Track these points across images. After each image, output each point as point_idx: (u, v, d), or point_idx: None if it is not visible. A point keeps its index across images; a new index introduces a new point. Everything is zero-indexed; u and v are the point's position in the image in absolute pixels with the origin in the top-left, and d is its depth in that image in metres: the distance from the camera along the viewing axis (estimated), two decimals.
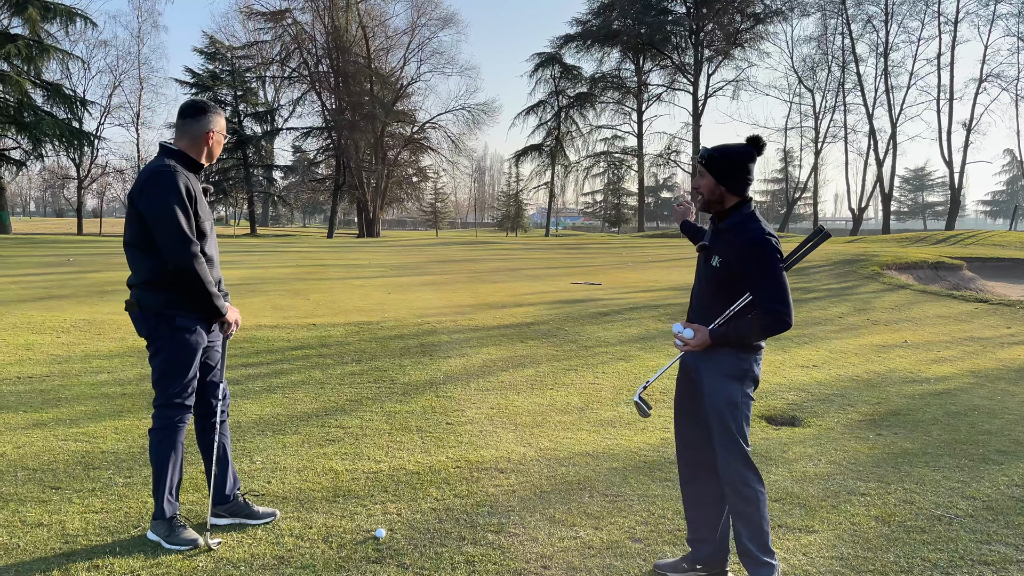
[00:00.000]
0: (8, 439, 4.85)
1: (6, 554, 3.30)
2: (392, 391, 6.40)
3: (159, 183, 3.28)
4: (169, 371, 3.41)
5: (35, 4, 34.77)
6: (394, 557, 3.39)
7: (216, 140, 3.52)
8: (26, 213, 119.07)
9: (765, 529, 3.10)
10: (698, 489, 3.31)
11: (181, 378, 3.43)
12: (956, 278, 16.94)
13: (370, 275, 15.91)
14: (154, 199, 3.27)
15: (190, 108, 3.48)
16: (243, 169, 51.06)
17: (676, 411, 3.38)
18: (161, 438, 3.44)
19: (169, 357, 3.40)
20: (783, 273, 3.00)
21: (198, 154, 3.49)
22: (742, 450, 3.07)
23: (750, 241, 2.99)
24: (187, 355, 3.42)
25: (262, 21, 51.01)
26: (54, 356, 7.25)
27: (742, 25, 51.53)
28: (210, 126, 3.47)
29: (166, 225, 3.25)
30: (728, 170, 3.08)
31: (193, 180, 3.42)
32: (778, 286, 2.96)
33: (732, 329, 3.02)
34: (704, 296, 3.19)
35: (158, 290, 3.35)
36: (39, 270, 15.18)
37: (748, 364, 3.09)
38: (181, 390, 3.44)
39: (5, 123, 34.93)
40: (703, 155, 3.14)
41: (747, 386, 3.10)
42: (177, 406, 3.45)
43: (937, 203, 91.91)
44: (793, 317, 3.00)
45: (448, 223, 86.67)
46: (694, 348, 3.10)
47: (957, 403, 6.62)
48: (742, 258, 3.00)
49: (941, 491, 4.40)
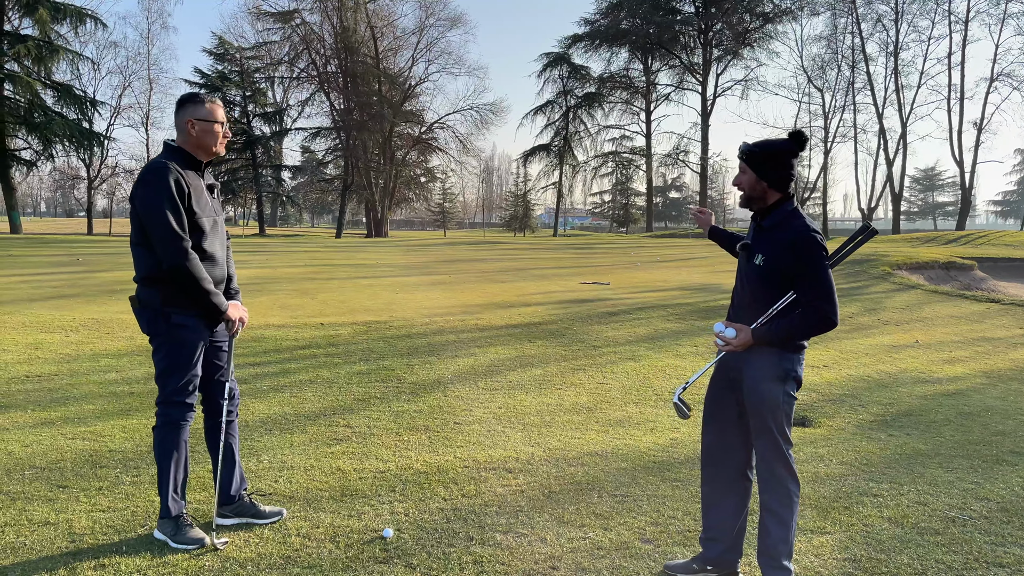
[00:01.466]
0: (16, 437, 4.85)
1: (13, 552, 3.29)
2: (400, 390, 6.38)
3: (148, 181, 3.25)
4: (168, 368, 3.38)
5: (45, 5, 34.96)
6: (402, 557, 3.36)
7: (201, 128, 3.37)
8: (36, 213, 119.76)
9: (793, 533, 3.06)
10: (720, 489, 3.24)
11: (180, 376, 3.38)
12: (967, 278, 16.82)
13: (378, 275, 15.91)
14: (145, 197, 3.24)
15: (176, 103, 3.45)
16: (252, 169, 51.21)
17: (708, 410, 3.29)
18: (163, 436, 3.41)
19: (167, 354, 3.37)
20: (829, 271, 2.93)
21: (191, 147, 3.41)
22: (783, 452, 3.01)
23: (797, 237, 2.92)
24: (185, 352, 3.37)
25: (271, 21, 51.25)
26: (63, 355, 7.26)
27: (751, 24, 51.36)
28: (186, 115, 3.37)
29: (155, 223, 3.21)
30: (770, 165, 3.02)
31: (191, 176, 3.36)
32: (825, 284, 2.89)
33: (775, 328, 2.96)
34: (746, 296, 3.13)
35: (155, 286, 3.32)
36: (49, 270, 15.24)
37: (791, 364, 3.02)
38: (181, 388, 3.40)
39: (16, 124, 35.14)
40: (744, 150, 3.08)
41: (789, 387, 3.03)
42: (178, 404, 3.41)
43: (947, 203, 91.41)
44: (839, 316, 2.93)
45: (456, 223, 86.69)
46: (736, 348, 3.04)
47: (970, 404, 6.56)
48: (788, 255, 2.93)
49: (955, 492, 4.35)
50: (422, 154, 57.98)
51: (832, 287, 2.90)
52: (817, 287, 2.89)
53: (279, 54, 52.58)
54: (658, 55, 55.52)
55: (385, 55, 53.86)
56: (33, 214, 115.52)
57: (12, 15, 36.00)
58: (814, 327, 2.91)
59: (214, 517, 3.56)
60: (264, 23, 51.79)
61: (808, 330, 2.93)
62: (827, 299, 2.88)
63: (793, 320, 2.93)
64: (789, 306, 2.98)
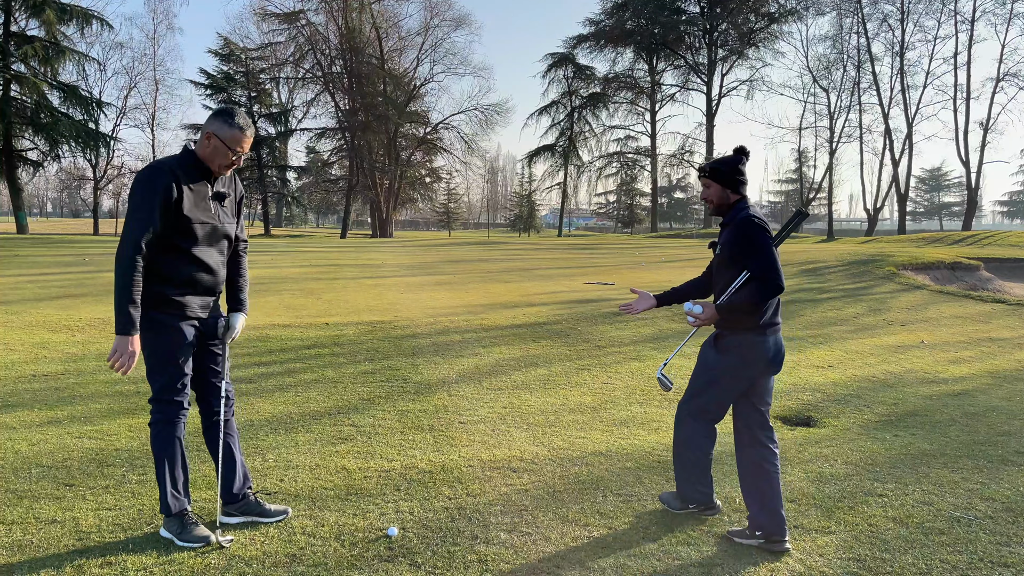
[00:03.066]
0: (23, 436, 4.88)
1: (20, 550, 3.31)
2: (405, 390, 6.39)
3: (138, 179, 3.28)
4: (154, 366, 3.38)
5: (52, 6, 35.04)
6: (406, 556, 3.37)
7: (215, 147, 3.37)
8: (43, 214, 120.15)
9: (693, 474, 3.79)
10: (738, 458, 3.75)
11: (166, 373, 3.38)
12: (973, 279, 16.77)
13: (383, 275, 15.93)
14: (130, 194, 3.29)
15: (213, 112, 3.43)
16: (257, 170, 51.22)
17: None
18: (156, 432, 3.43)
19: (152, 352, 3.37)
20: (771, 246, 3.48)
21: (201, 154, 3.41)
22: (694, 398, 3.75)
23: (740, 222, 3.54)
24: (165, 351, 3.36)
25: (276, 22, 51.34)
26: (69, 354, 7.29)
27: (756, 25, 51.32)
28: (211, 127, 3.37)
29: (126, 219, 3.26)
30: (729, 176, 3.66)
31: (196, 182, 3.37)
32: (767, 256, 3.44)
33: (735, 299, 3.49)
34: (717, 282, 3.71)
35: (145, 283, 3.33)
36: (55, 270, 15.29)
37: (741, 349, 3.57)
38: (168, 386, 3.39)
39: (22, 124, 35.23)
40: (708, 168, 3.71)
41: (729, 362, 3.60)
42: (167, 402, 3.41)
43: (953, 203, 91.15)
44: (784, 282, 3.48)
45: (461, 224, 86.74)
46: (705, 322, 3.57)
47: (975, 404, 6.54)
48: (737, 237, 3.53)
49: (960, 492, 4.34)
50: (427, 155, 58.04)
51: (774, 259, 3.45)
52: (761, 259, 3.45)
53: (284, 55, 52.66)
54: (663, 55, 55.52)
55: (390, 56, 53.96)
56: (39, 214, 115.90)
57: (19, 16, 36.10)
58: (765, 292, 3.43)
59: (218, 515, 3.58)
60: (269, 24, 51.94)
61: (761, 295, 3.44)
62: (771, 269, 3.43)
63: (748, 289, 3.47)
64: (746, 282, 3.53)
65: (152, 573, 3.15)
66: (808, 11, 49.41)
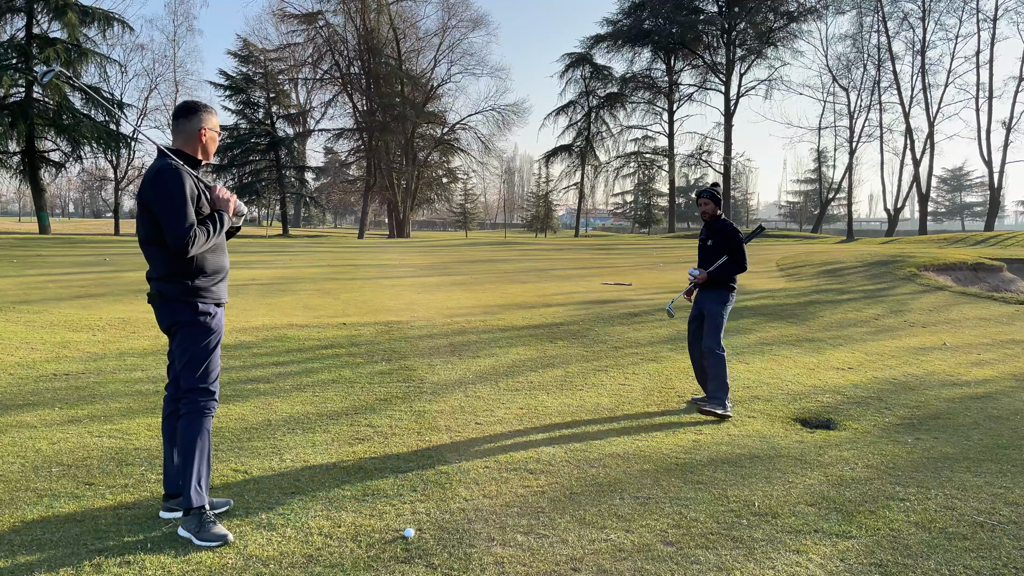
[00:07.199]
0: (43, 435, 4.92)
1: (40, 548, 3.33)
2: (421, 390, 6.39)
3: (163, 178, 3.37)
4: (195, 356, 3.53)
5: (74, 8, 35.43)
6: (423, 557, 3.36)
7: (209, 137, 3.62)
8: (65, 214, 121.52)
9: (726, 383, 5.92)
10: (695, 355, 6.29)
11: (207, 363, 3.56)
12: (996, 280, 16.56)
13: (400, 275, 15.97)
14: (159, 192, 3.36)
15: (182, 109, 3.62)
16: (275, 170, 51.56)
17: (690, 320, 6.37)
18: (188, 423, 3.51)
19: (194, 342, 3.52)
20: (742, 242, 6.07)
21: (194, 151, 3.60)
22: (718, 338, 6.03)
23: (728, 227, 6.12)
24: (210, 339, 3.56)
25: (295, 23, 51.64)
26: (89, 353, 7.35)
27: (775, 23, 50.96)
28: (201, 124, 3.59)
29: (171, 213, 3.33)
30: (720, 200, 6.16)
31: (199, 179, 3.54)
32: (741, 249, 6.06)
33: (717, 270, 6.07)
34: (705, 259, 6.22)
35: (179, 280, 3.47)
36: (76, 269, 15.45)
37: (726, 297, 6.12)
38: (206, 374, 3.56)
39: (45, 126, 35.64)
40: (709, 194, 6.14)
41: (725, 308, 6.12)
42: (203, 391, 3.55)
43: (975, 203, 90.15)
44: (748, 265, 6.14)
45: (478, 224, 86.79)
46: (700, 281, 6.13)
47: (999, 407, 6.45)
48: (724, 238, 6.10)
49: (983, 497, 4.28)
50: (444, 155, 58.13)
51: (743, 249, 6.05)
52: (735, 249, 6.05)
53: (303, 56, 52.97)
54: (681, 55, 55.27)
55: (408, 56, 54.09)
56: (61, 215, 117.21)
57: (41, 19, 36.53)
58: (736, 268, 6.08)
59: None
60: (288, 25, 52.27)
61: (734, 270, 6.08)
62: (742, 256, 6.06)
63: (725, 265, 6.07)
64: (724, 262, 6.07)
65: (171, 572, 3.16)
66: (828, 10, 49.05)
